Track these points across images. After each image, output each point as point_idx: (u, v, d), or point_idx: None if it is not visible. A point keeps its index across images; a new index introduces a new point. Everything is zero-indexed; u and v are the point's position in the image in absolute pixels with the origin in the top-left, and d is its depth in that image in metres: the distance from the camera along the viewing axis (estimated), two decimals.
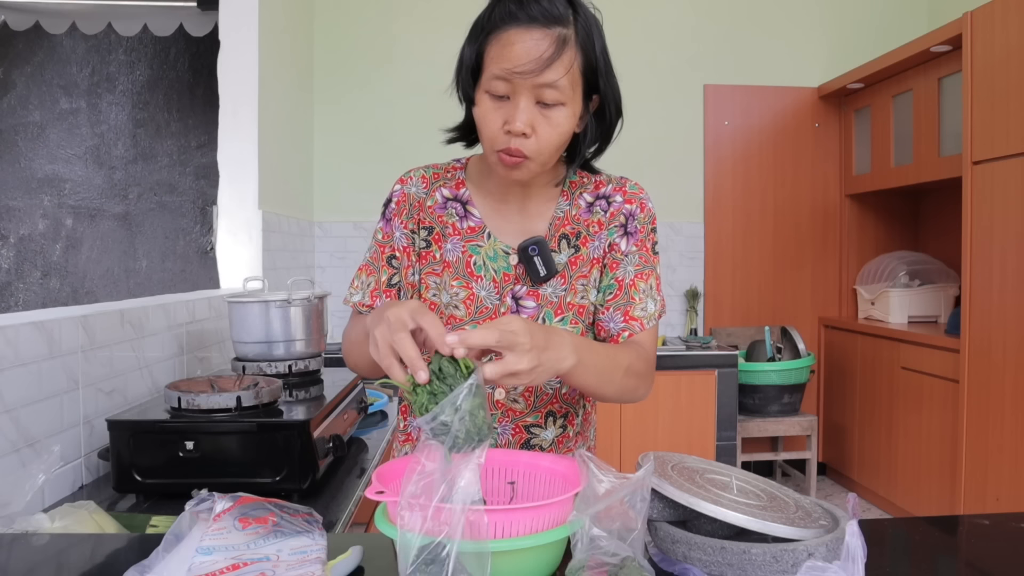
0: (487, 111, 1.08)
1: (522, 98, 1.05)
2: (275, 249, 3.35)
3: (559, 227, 1.21)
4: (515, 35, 1.04)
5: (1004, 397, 2.98)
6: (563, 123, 1.08)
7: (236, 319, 2.24)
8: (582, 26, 1.08)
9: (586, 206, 1.24)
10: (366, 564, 0.96)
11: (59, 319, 1.62)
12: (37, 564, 1.05)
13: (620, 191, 1.25)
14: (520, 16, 1.04)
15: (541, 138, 1.07)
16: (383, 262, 1.22)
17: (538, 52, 1.03)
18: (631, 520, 0.82)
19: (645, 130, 4.43)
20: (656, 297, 1.23)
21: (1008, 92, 2.96)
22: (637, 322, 1.19)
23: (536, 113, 1.06)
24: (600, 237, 1.22)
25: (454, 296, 1.18)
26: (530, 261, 1.16)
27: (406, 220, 1.22)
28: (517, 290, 1.19)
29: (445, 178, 1.24)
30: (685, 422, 3.81)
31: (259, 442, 1.60)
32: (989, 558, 1.01)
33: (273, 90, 3.39)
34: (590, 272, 1.21)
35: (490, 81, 1.06)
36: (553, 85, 1.04)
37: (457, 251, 1.20)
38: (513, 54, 1.03)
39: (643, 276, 1.22)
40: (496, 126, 1.07)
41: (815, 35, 4.51)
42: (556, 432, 1.23)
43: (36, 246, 4.13)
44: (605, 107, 1.15)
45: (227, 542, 0.96)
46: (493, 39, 1.06)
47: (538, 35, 1.03)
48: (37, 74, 4.11)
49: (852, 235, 4.48)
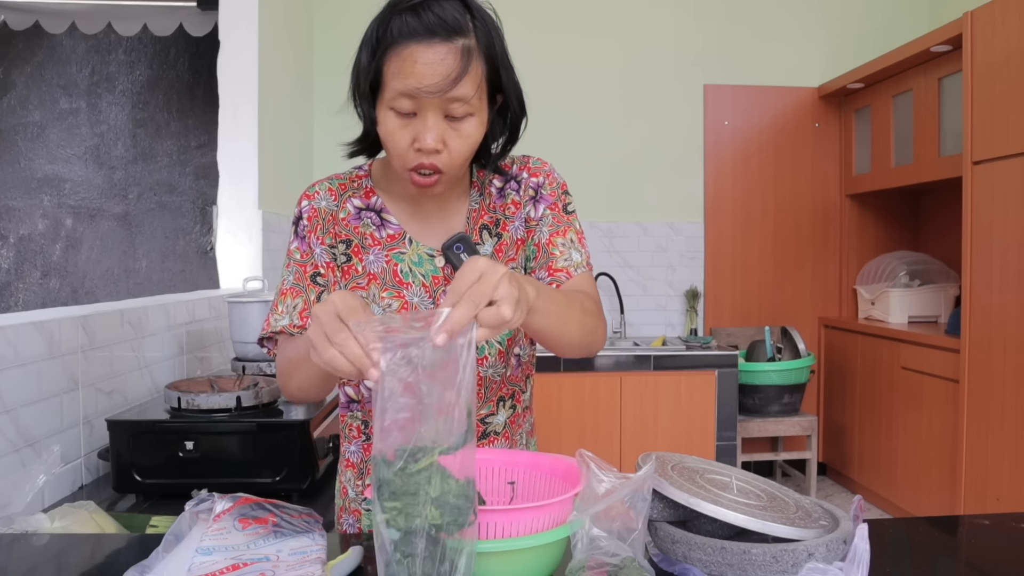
0: (393, 129, 1.04)
1: (429, 114, 1.02)
2: (275, 249, 3.35)
3: (477, 219, 1.20)
4: (417, 51, 0.99)
5: (1004, 397, 2.98)
6: (473, 133, 1.06)
7: (236, 319, 2.24)
8: (482, 31, 1.04)
9: (497, 192, 1.21)
10: (366, 564, 0.96)
11: (59, 319, 1.62)
12: (37, 564, 1.05)
13: (525, 168, 1.22)
14: (419, 30, 1.00)
15: (452, 151, 1.05)
16: (307, 281, 1.17)
17: (444, 70, 0.99)
18: (631, 520, 0.82)
19: (645, 130, 4.43)
20: (580, 248, 1.20)
21: (1008, 92, 2.96)
22: (562, 272, 1.17)
23: (445, 127, 1.04)
24: (518, 217, 1.20)
25: (387, 308, 1.15)
26: (457, 258, 1.11)
27: (322, 236, 1.17)
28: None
29: (352, 188, 1.20)
30: (685, 422, 3.81)
31: (259, 442, 1.60)
32: (989, 558, 1.01)
33: (273, 90, 3.39)
34: (517, 254, 1.20)
35: (394, 99, 1.02)
36: (462, 99, 1.02)
37: (380, 261, 1.16)
38: (418, 71, 0.99)
39: (559, 232, 1.19)
40: (404, 144, 1.04)
41: (815, 35, 4.51)
42: (507, 414, 1.23)
43: (36, 246, 4.13)
44: (508, 104, 1.12)
45: (227, 542, 0.96)
46: (393, 54, 1.01)
47: (442, 51, 1.00)
48: (37, 74, 4.11)
49: (852, 235, 4.48)
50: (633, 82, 4.40)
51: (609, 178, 4.38)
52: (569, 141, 4.32)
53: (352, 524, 1.26)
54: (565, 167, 1.26)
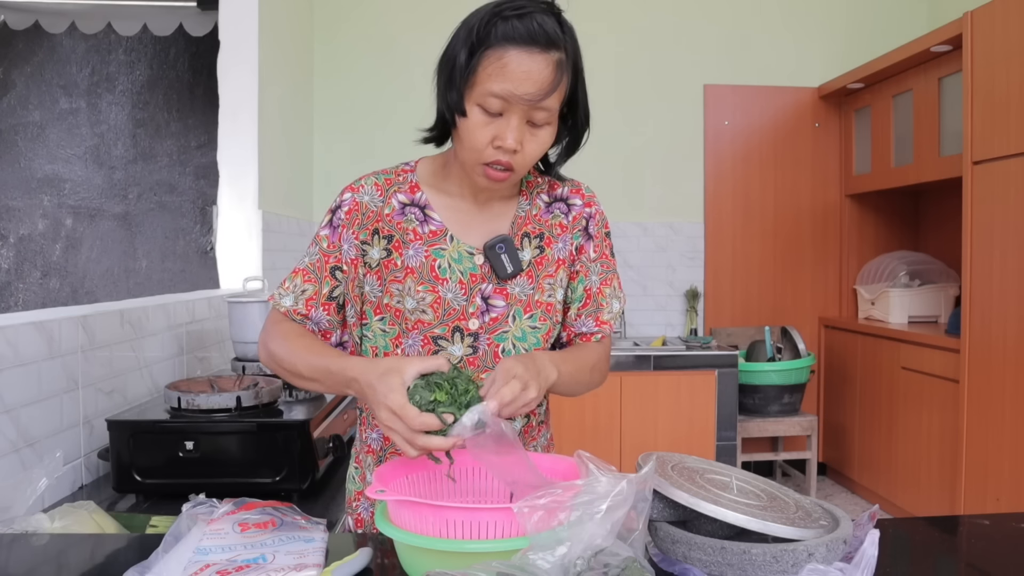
0: (478, 124, 1.09)
1: (515, 117, 1.08)
2: (275, 249, 3.35)
3: (521, 226, 1.23)
4: (516, 57, 1.05)
5: (1004, 397, 2.98)
6: (547, 140, 1.13)
7: (236, 319, 2.24)
8: (571, 48, 1.10)
9: (545, 206, 1.26)
10: (374, 565, 0.95)
11: (59, 319, 1.62)
12: (37, 564, 1.05)
13: (578, 194, 1.28)
14: (523, 36, 1.05)
15: (527, 154, 1.11)
16: (326, 272, 1.20)
17: (541, 79, 1.05)
18: (632, 520, 0.81)
19: (645, 130, 4.43)
20: (619, 295, 1.30)
21: (1008, 92, 2.96)
22: (607, 325, 1.28)
23: (525, 131, 1.10)
24: (565, 240, 1.25)
25: (420, 301, 1.18)
26: (497, 258, 1.18)
27: (357, 231, 1.19)
28: (485, 289, 1.19)
29: (398, 183, 1.22)
30: (685, 422, 3.81)
31: (259, 442, 1.60)
32: (989, 558, 1.01)
33: (273, 90, 3.39)
34: (556, 272, 1.24)
35: (485, 97, 1.07)
36: (548, 109, 1.08)
37: (420, 256, 1.19)
38: (515, 77, 1.05)
39: (607, 282, 1.28)
40: (485, 140, 1.09)
41: (815, 35, 4.51)
42: (522, 422, 1.27)
43: (36, 246, 4.13)
44: (577, 117, 1.17)
45: (225, 542, 0.96)
46: (491, 54, 1.06)
47: (540, 61, 1.05)
48: (37, 74, 4.11)
49: (852, 235, 4.48)
50: (633, 82, 4.40)
51: (609, 178, 4.38)
52: None
53: (367, 508, 1.28)
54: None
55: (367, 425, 1.29)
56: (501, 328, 1.19)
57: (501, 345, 1.19)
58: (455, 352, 1.18)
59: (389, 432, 0.96)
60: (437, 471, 1.04)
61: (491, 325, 1.19)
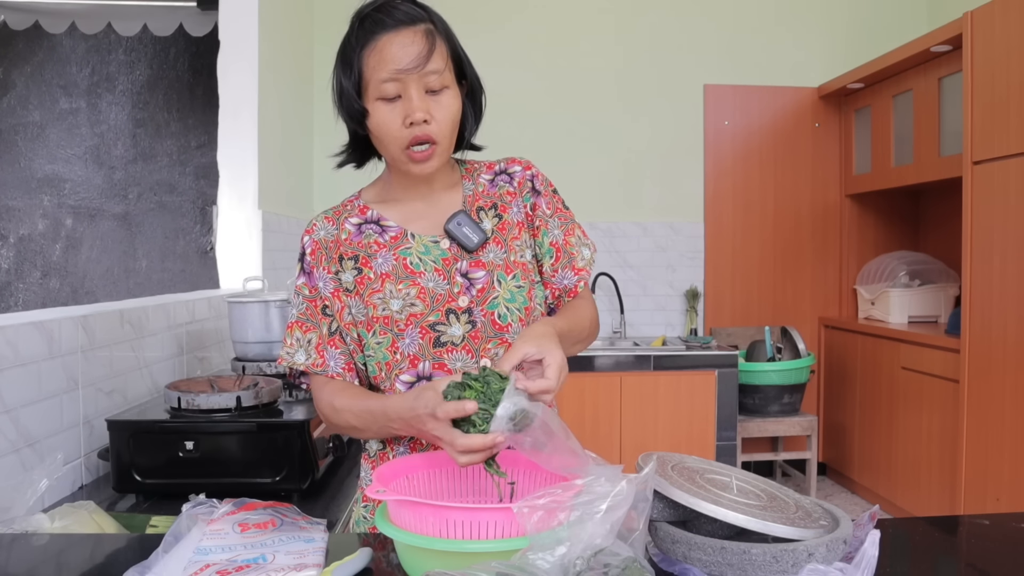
0: (384, 114, 1.15)
1: (412, 91, 1.14)
2: (275, 249, 3.35)
3: (473, 203, 1.28)
4: (388, 40, 1.13)
5: (1004, 397, 2.98)
6: (452, 104, 1.18)
7: (236, 319, 2.24)
8: (438, 21, 1.19)
9: (488, 183, 1.31)
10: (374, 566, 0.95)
11: (59, 319, 1.62)
12: (37, 564, 1.05)
13: (515, 163, 1.33)
14: (387, 22, 1.14)
15: (439, 120, 1.16)
16: (318, 314, 1.24)
17: (417, 47, 1.13)
18: (632, 520, 0.81)
19: (646, 130, 4.43)
20: (587, 243, 1.34)
21: (1008, 92, 2.96)
22: (584, 271, 1.32)
23: (428, 101, 1.15)
24: (517, 203, 1.30)
25: (406, 296, 1.20)
26: (460, 231, 1.22)
27: (327, 265, 1.24)
28: (460, 266, 1.22)
29: (347, 212, 1.28)
30: (685, 422, 3.81)
31: (259, 442, 1.60)
32: (989, 558, 1.01)
33: (273, 90, 3.39)
34: (520, 234, 1.28)
35: (379, 86, 1.14)
36: (436, 71, 1.15)
37: (390, 260, 1.23)
38: (394, 55, 1.13)
39: (570, 232, 1.32)
40: (396, 124, 1.15)
41: (815, 35, 4.51)
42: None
43: (36, 246, 4.13)
44: (470, 83, 1.24)
45: (225, 543, 0.96)
46: (368, 52, 1.14)
47: (409, 34, 1.14)
48: (37, 74, 4.11)
49: (852, 235, 4.48)
50: (633, 82, 4.40)
51: (609, 178, 4.38)
52: (570, 141, 4.32)
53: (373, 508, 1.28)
54: (565, 167, 1.29)
55: None
56: (490, 296, 1.21)
57: (496, 311, 1.21)
58: (455, 332, 1.20)
59: (439, 443, 1.00)
60: (437, 471, 1.04)
61: (479, 296, 1.21)
